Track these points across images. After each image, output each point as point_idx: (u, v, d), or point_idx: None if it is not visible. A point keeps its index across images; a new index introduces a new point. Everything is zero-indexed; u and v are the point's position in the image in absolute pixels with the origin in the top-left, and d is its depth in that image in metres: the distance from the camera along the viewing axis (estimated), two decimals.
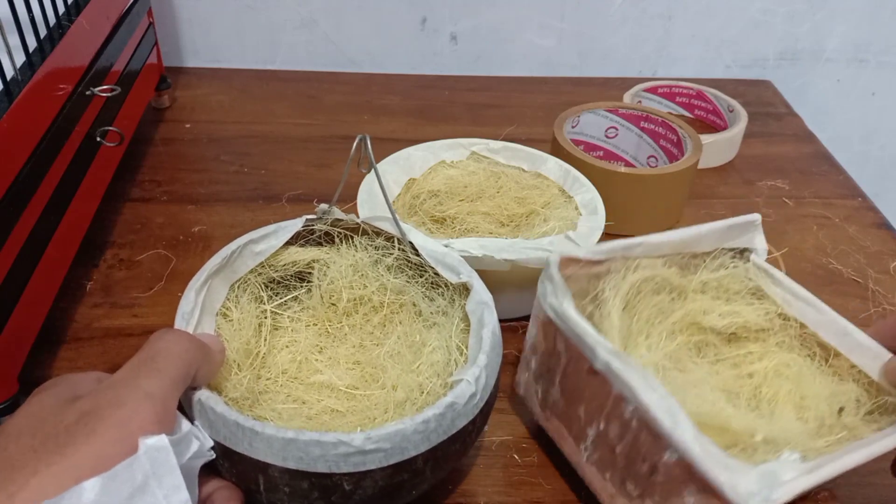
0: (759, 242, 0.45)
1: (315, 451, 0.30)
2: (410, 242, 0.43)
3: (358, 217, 0.44)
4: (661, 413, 0.31)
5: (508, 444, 0.43)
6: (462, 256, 0.42)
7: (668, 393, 0.32)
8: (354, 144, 0.40)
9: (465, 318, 0.40)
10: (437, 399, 0.33)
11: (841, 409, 0.38)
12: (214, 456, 0.32)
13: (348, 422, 0.38)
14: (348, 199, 0.51)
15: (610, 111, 0.66)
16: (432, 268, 0.42)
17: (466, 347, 0.39)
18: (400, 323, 0.44)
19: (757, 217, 0.44)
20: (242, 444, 0.31)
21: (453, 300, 0.42)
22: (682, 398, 0.36)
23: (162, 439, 0.27)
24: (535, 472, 0.42)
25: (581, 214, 0.51)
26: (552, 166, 0.56)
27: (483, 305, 0.38)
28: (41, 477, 0.25)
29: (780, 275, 0.43)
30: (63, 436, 0.26)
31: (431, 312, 0.43)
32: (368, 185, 0.50)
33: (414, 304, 0.44)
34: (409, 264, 0.44)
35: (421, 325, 0.44)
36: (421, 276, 0.44)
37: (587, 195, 0.53)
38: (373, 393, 0.40)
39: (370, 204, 0.49)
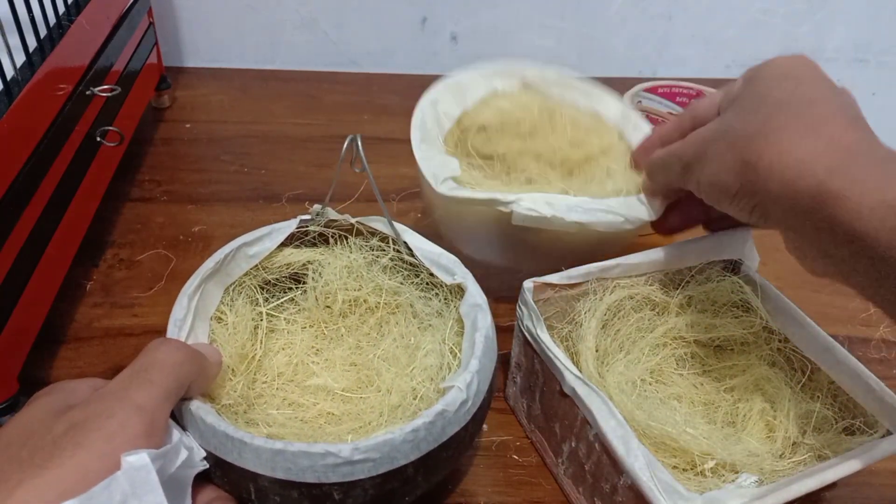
0: (750, 253, 0.44)
1: (303, 462, 0.30)
2: (405, 243, 0.43)
3: (352, 217, 0.44)
4: (616, 440, 0.33)
5: (508, 444, 0.43)
6: (529, 214, 0.41)
7: (624, 421, 0.34)
8: (345, 144, 0.40)
9: (460, 320, 0.39)
10: (429, 404, 0.33)
11: (804, 433, 0.38)
12: (207, 466, 0.32)
13: (343, 426, 0.38)
14: (344, 198, 0.51)
15: None
16: (427, 268, 0.42)
17: (460, 351, 0.38)
18: (396, 324, 0.44)
19: (747, 231, 0.44)
20: (232, 455, 0.31)
21: (448, 301, 0.42)
22: (656, 415, 0.38)
23: (142, 457, 0.26)
24: (534, 472, 0.42)
25: None
26: (611, 105, 0.52)
27: (477, 308, 0.38)
28: (25, 489, 0.25)
29: (768, 286, 0.43)
30: (50, 448, 0.26)
31: (427, 314, 0.43)
32: (421, 117, 0.48)
33: (410, 306, 0.44)
34: (405, 265, 0.44)
35: (416, 326, 0.43)
36: (416, 277, 0.44)
37: None
38: (368, 396, 0.40)
39: (426, 141, 0.47)
